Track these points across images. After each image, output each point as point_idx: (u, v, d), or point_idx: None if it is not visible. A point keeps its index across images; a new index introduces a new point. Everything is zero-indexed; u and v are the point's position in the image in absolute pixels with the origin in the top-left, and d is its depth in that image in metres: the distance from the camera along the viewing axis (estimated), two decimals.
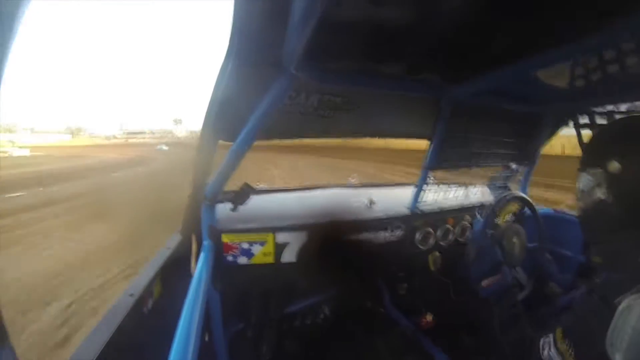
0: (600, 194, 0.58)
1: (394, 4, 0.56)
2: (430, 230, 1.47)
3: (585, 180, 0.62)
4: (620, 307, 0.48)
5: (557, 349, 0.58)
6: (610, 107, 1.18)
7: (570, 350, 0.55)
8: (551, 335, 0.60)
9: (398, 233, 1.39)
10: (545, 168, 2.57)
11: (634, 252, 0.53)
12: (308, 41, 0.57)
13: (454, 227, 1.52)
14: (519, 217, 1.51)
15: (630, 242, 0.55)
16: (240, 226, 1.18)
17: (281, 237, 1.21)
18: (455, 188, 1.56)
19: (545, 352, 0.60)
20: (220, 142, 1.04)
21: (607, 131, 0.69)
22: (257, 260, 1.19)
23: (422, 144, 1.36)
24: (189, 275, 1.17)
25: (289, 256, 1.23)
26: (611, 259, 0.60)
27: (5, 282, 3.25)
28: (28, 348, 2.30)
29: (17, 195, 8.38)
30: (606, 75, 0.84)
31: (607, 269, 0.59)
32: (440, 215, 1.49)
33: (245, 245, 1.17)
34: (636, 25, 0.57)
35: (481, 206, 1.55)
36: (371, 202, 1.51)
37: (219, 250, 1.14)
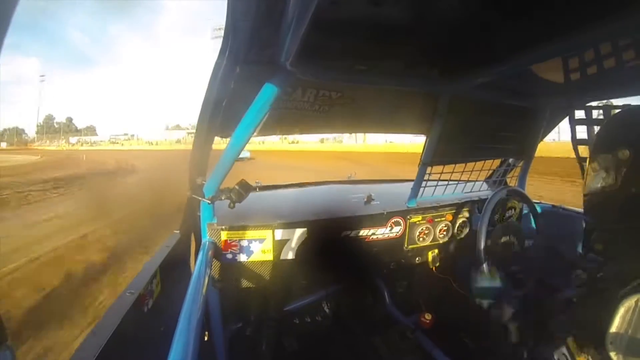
0: (608, 180, 0.58)
1: (391, 1, 0.55)
2: (429, 226, 1.47)
3: (594, 166, 0.62)
4: (620, 305, 0.48)
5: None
6: (606, 102, 1.18)
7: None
8: (564, 348, 0.59)
9: (397, 229, 1.39)
10: None
11: (635, 241, 0.54)
12: (304, 38, 0.57)
13: (452, 223, 1.52)
14: (517, 213, 1.52)
15: (632, 230, 0.55)
16: (239, 223, 1.17)
17: (280, 234, 1.20)
18: (453, 183, 1.57)
19: None
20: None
21: (619, 119, 0.70)
22: (256, 257, 1.19)
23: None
24: (188, 274, 1.17)
25: (288, 253, 1.22)
26: (612, 246, 0.60)
27: None
28: None
29: None
30: (602, 69, 0.85)
31: (607, 257, 0.59)
32: (439, 211, 1.50)
33: (245, 243, 1.17)
34: (631, 19, 0.58)
35: (479, 201, 1.56)
36: (370, 198, 1.52)
37: (218, 248, 1.14)
